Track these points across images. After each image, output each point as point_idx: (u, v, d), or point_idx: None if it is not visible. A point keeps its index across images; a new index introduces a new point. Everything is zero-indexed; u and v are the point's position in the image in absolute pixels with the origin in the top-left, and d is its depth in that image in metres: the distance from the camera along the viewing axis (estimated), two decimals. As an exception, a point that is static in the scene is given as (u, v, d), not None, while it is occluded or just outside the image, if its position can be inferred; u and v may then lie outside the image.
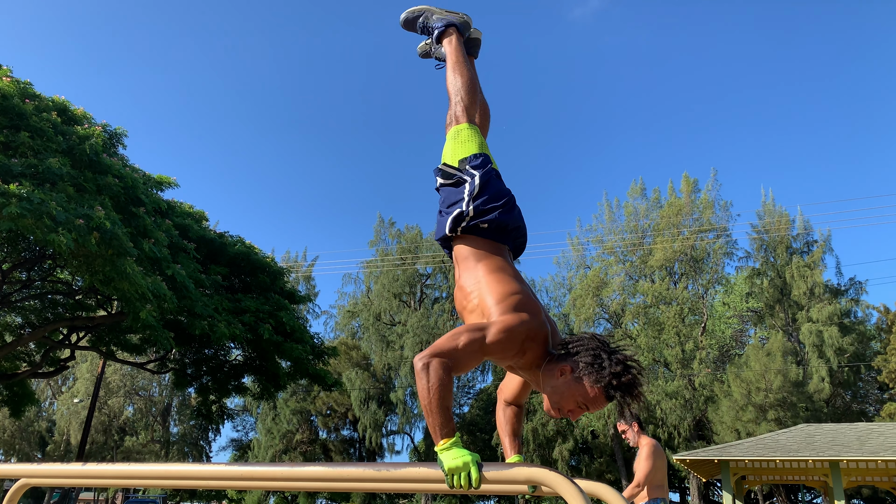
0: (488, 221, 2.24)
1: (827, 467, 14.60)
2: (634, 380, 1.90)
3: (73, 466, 2.03)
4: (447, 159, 2.48)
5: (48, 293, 15.18)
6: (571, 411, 1.95)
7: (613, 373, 1.88)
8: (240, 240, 16.66)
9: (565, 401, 1.94)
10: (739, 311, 32.71)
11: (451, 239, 2.33)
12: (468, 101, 2.57)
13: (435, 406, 1.74)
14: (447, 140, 2.55)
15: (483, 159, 2.41)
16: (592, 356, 1.92)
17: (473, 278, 2.17)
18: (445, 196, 2.39)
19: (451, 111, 2.60)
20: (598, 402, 1.91)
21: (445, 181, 2.41)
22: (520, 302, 2.02)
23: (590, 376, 1.89)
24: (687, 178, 35.36)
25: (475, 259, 2.22)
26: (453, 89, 2.62)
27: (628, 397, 1.89)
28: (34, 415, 42.23)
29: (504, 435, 2.38)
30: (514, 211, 2.34)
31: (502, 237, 2.29)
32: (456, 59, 2.69)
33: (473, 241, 2.26)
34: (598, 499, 2.08)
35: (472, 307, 2.12)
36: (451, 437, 1.72)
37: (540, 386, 2.02)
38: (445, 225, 2.30)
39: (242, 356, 16.88)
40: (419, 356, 1.81)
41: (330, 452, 40.53)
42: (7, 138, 10.51)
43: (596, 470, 35.51)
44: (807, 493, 35.49)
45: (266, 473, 1.78)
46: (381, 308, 40.17)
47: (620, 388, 1.88)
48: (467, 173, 2.36)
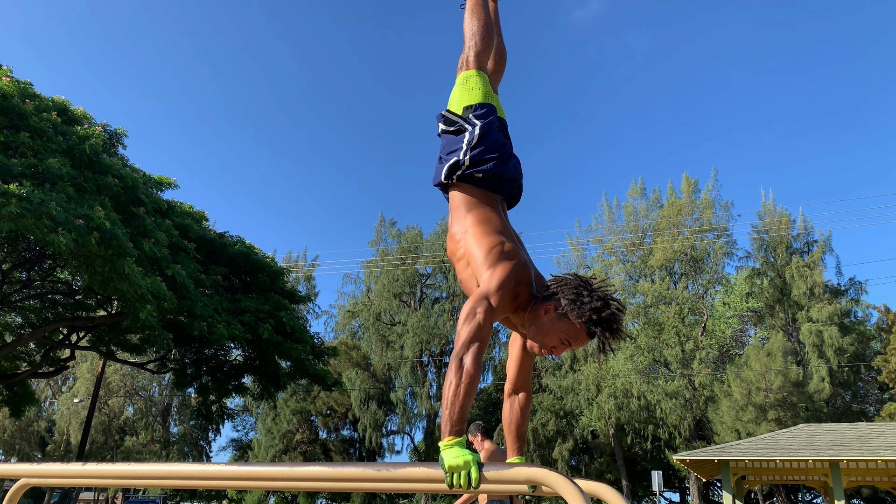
0: (483, 171, 2.29)
1: (827, 467, 14.60)
2: (615, 315, 1.95)
3: (73, 466, 2.03)
4: (453, 105, 2.50)
5: (48, 293, 15.18)
6: (555, 347, 2.01)
7: (594, 308, 1.93)
8: (240, 240, 16.65)
9: (549, 338, 2.00)
10: (739, 311, 32.70)
11: (447, 185, 2.39)
12: (481, 47, 2.58)
13: (458, 404, 1.76)
14: (456, 84, 2.57)
15: (487, 109, 2.43)
16: (574, 293, 1.98)
17: (462, 227, 2.25)
18: (445, 143, 2.43)
19: (463, 55, 2.61)
20: (581, 337, 1.97)
21: (447, 128, 2.44)
22: (502, 251, 2.09)
23: (572, 312, 1.95)
24: (687, 179, 35.36)
25: (466, 208, 2.28)
26: (468, 33, 2.62)
27: (609, 332, 1.94)
28: (34, 415, 42.23)
29: (508, 434, 2.39)
30: (510, 162, 2.38)
31: (496, 187, 2.34)
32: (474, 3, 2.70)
33: (468, 188, 2.32)
34: (598, 499, 2.08)
35: (460, 255, 2.22)
36: (457, 437, 1.73)
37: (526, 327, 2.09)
38: (442, 172, 2.35)
39: (242, 356, 16.88)
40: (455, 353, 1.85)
41: (330, 452, 40.53)
42: (7, 138, 10.50)
43: (596, 470, 35.50)
44: (807, 493, 35.49)
45: (266, 473, 1.78)
46: (381, 308, 40.17)
47: (601, 322, 1.93)
48: (469, 122, 2.40)
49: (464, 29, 2.67)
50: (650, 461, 34.50)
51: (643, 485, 35.67)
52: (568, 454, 34.44)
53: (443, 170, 2.35)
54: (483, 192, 2.32)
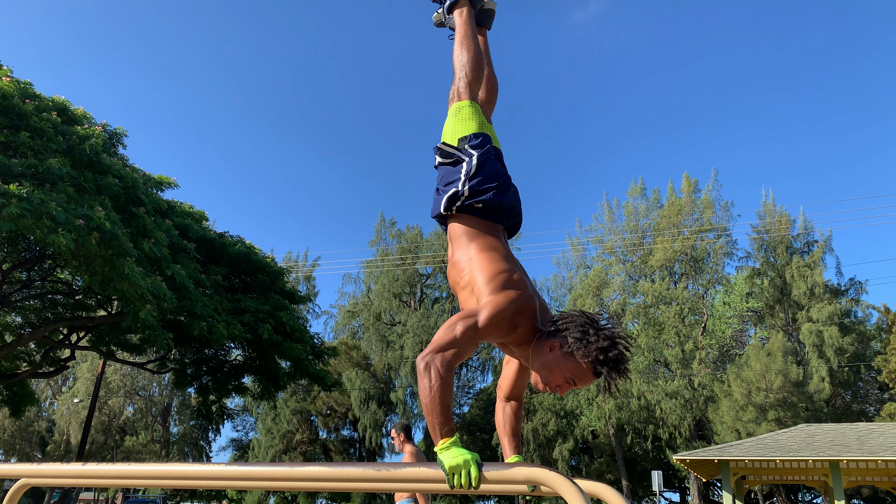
0: (483, 202, 2.28)
1: (827, 467, 14.60)
2: (621, 355, 1.92)
3: (73, 466, 2.03)
4: (447, 136, 2.47)
5: (48, 293, 15.18)
6: (559, 386, 1.98)
7: (600, 348, 1.90)
8: (240, 240, 16.65)
9: (553, 376, 1.97)
10: (739, 311, 32.70)
11: (446, 217, 2.37)
12: (472, 78, 2.55)
13: (437, 406, 1.76)
14: (448, 116, 2.54)
15: (482, 139, 2.41)
16: (581, 332, 1.94)
17: (466, 256, 2.22)
18: (443, 174, 2.41)
19: (454, 86, 2.58)
20: (586, 377, 1.94)
21: (444, 160, 2.42)
22: (507, 280, 2.06)
23: (577, 351, 1.92)
24: (687, 179, 35.36)
25: (468, 238, 2.26)
26: (458, 64, 2.59)
27: (615, 373, 1.92)
28: (34, 415, 42.23)
29: (503, 435, 2.38)
30: (509, 192, 2.37)
31: (496, 217, 2.33)
32: (464, 34, 2.66)
33: (468, 220, 2.30)
34: (598, 499, 2.08)
35: (464, 283, 2.18)
36: (450, 437, 1.73)
37: (529, 362, 2.05)
38: (441, 203, 2.33)
39: (242, 356, 16.88)
40: (421, 356, 1.84)
41: (330, 452, 40.52)
42: (7, 138, 10.50)
43: (596, 470, 35.49)
44: (807, 493, 35.47)
45: (266, 473, 1.78)
46: (381, 308, 40.16)
47: (607, 363, 1.90)
48: (466, 153, 2.37)
49: (453, 60, 2.63)
50: (650, 461, 34.49)
51: (643, 485, 35.66)
52: (568, 454, 34.44)
53: (442, 201, 2.32)
54: (484, 223, 2.30)
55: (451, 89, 2.60)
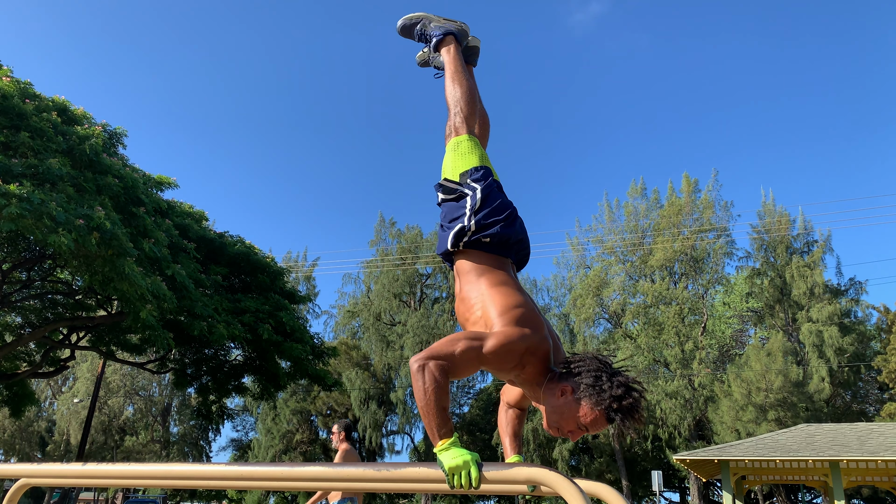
0: (490, 235, 2.22)
1: (827, 467, 14.60)
2: (636, 403, 1.88)
3: (73, 466, 2.03)
4: (447, 172, 2.45)
5: (48, 293, 15.17)
6: (572, 432, 1.94)
7: (614, 396, 1.86)
8: (240, 240, 16.64)
9: (565, 421, 1.93)
10: (739, 311, 32.71)
11: (453, 253, 2.31)
12: (467, 112, 2.54)
13: (432, 408, 1.74)
14: (447, 152, 2.51)
15: (484, 171, 2.38)
16: (594, 378, 1.90)
17: (476, 291, 2.15)
18: (447, 211, 2.36)
19: (450, 122, 2.56)
20: (599, 423, 1.90)
21: (447, 196, 2.38)
22: (522, 316, 2.00)
23: (590, 398, 1.87)
24: (687, 179, 35.36)
25: (477, 274, 2.20)
26: (452, 100, 2.58)
27: (629, 420, 1.87)
28: (34, 415, 42.22)
29: (505, 435, 2.38)
30: (517, 224, 2.32)
31: (505, 251, 2.27)
32: (455, 69, 2.65)
33: (476, 255, 2.24)
34: (599, 499, 2.08)
35: (476, 319, 2.10)
36: (449, 438, 1.73)
37: (540, 402, 2.01)
38: (447, 240, 2.28)
39: (242, 356, 16.87)
40: (415, 358, 1.81)
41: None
42: (7, 138, 10.50)
43: (596, 470, 35.50)
44: (807, 493, 35.47)
45: (266, 473, 1.78)
46: (381, 308, 40.16)
47: (621, 410, 1.86)
48: (468, 187, 2.33)
49: (446, 97, 2.61)
50: (650, 461, 34.50)
51: (643, 485, 35.66)
52: (568, 454, 34.45)
53: (448, 237, 2.27)
54: (492, 257, 2.24)
55: (446, 125, 2.58)
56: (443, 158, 2.55)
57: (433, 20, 2.82)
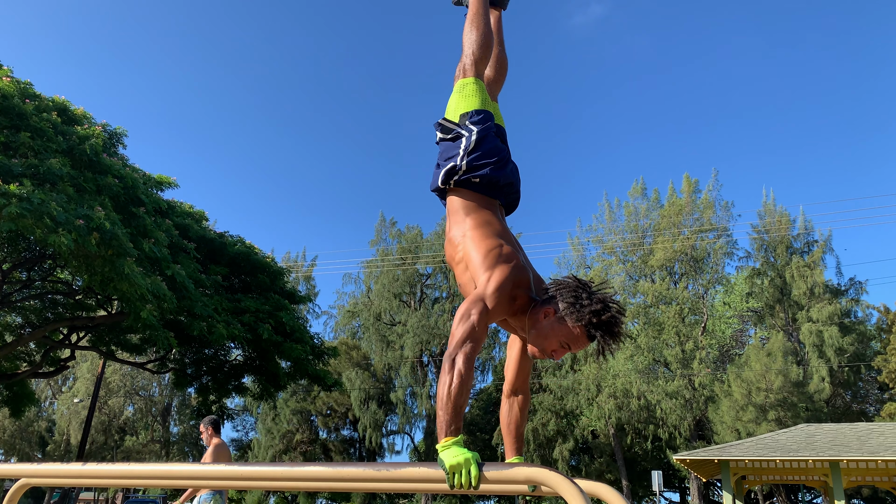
0: (480, 176, 2.29)
1: (827, 467, 14.60)
2: (615, 318, 1.94)
3: (73, 466, 2.03)
4: (450, 112, 2.50)
5: (48, 293, 15.18)
6: (555, 351, 2.01)
7: (594, 311, 1.92)
8: (240, 240, 16.64)
9: (548, 341, 2.00)
10: (739, 310, 32.71)
11: (444, 191, 2.40)
12: (479, 55, 2.57)
13: (451, 404, 1.76)
14: (453, 92, 2.56)
15: (484, 115, 2.43)
16: (573, 296, 1.97)
17: (460, 231, 2.25)
18: (443, 149, 2.43)
19: (461, 63, 2.59)
20: (581, 341, 1.97)
21: (444, 135, 2.45)
22: (499, 255, 2.09)
23: (571, 315, 1.95)
24: (688, 179, 35.37)
25: (464, 212, 2.29)
26: (467, 42, 2.60)
27: (609, 336, 1.93)
28: (34, 415, 42.22)
29: (507, 434, 2.39)
30: (507, 167, 2.38)
31: (494, 192, 2.34)
32: (475, 12, 2.66)
33: (465, 193, 2.32)
34: (599, 499, 2.08)
35: (459, 259, 2.23)
36: (454, 437, 1.73)
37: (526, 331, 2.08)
38: (439, 177, 2.36)
39: (242, 356, 16.87)
40: (448, 353, 1.84)
41: (330, 452, 40.52)
42: (7, 138, 10.50)
43: (596, 470, 35.50)
44: (807, 493, 35.48)
45: (266, 473, 1.78)
46: (381, 308, 40.17)
47: (601, 325, 1.93)
48: (465, 128, 2.39)
49: (463, 37, 2.64)
50: (650, 461, 34.50)
51: (643, 485, 35.66)
52: (568, 454, 34.44)
53: (440, 175, 2.35)
54: (481, 197, 2.32)
55: (457, 66, 2.62)
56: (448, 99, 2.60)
57: None
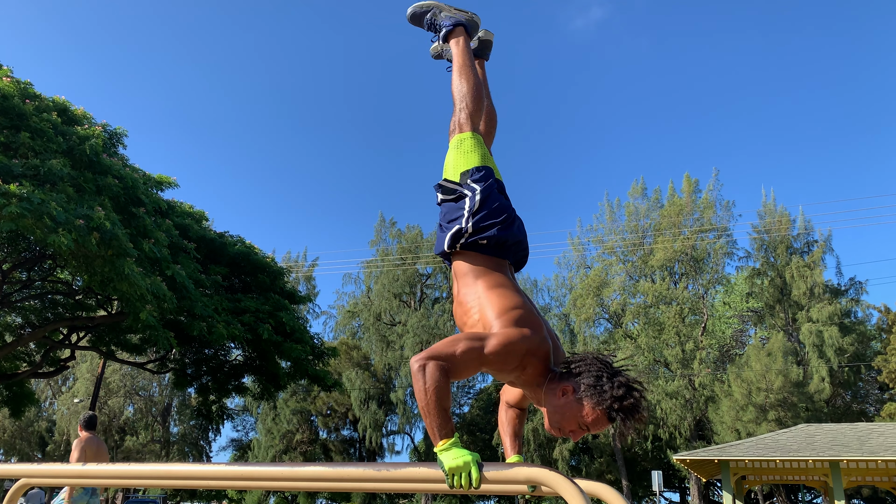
0: (487, 238, 2.21)
1: (827, 467, 14.59)
2: (637, 403, 1.87)
3: (73, 466, 2.03)
4: (449, 170, 2.43)
5: (48, 293, 15.17)
6: (573, 431, 1.94)
7: (616, 396, 1.86)
8: (240, 240, 16.64)
9: (566, 421, 1.93)
10: (740, 311, 32.70)
11: (450, 254, 2.31)
12: (472, 108, 2.49)
13: (433, 408, 1.74)
14: (450, 148, 2.49)
15: (485, 172, 2.36)
16: (595, 378, 1.90)
17: (474, 294, 2.14)
18: (446, 211, 2.35)
19: (454, 118, 2.52)
20: (600, 423, 1.90)
21: (446, 196, 2.36)
22: (521, 317, 2.00)
23: (591, 398, 1.87)
24: (688, 179, 35.37)
25: (474, 276, 2.19)
26: (458, 95, 2.53)
27: (630, 420, 1.87)
28: (34, 415, 42.21)
29: (505, 435, 2.37)
30: (514, 226, 2.30)
31: (502, 252, 2.26)
32: (462, 63, 2.59)
33: (473, 257, 2.23)
34: (599, 499, 2.08)
35: (473, 322, 2.10)
36: (450, 438, 1.72)
37: (541, 403, 2.01)
38: (444, 241, 2.27)
39: (242, 356, 16.87)
40: (415, 358, 1.80)
41: (330, 452, 40.53)
42: (7, 139, 10.50)
43: (596, 470, 35.50)
44: (807, 493, 35.48)
45: (266, 473, 1.78)
46: (381, 308, 40.16)
47: (623, 410, 1.86)
48: (468, 188, 2.31)
49: (452, 91, 2.56)
50: (650, 461, 34.50)
51: (643, 485, 35.66)
52: (568, 454, 34.44)
53: (445, 239, 2.26)
54: (490, 259, 2.23)
55: (451, 121, 2.54)
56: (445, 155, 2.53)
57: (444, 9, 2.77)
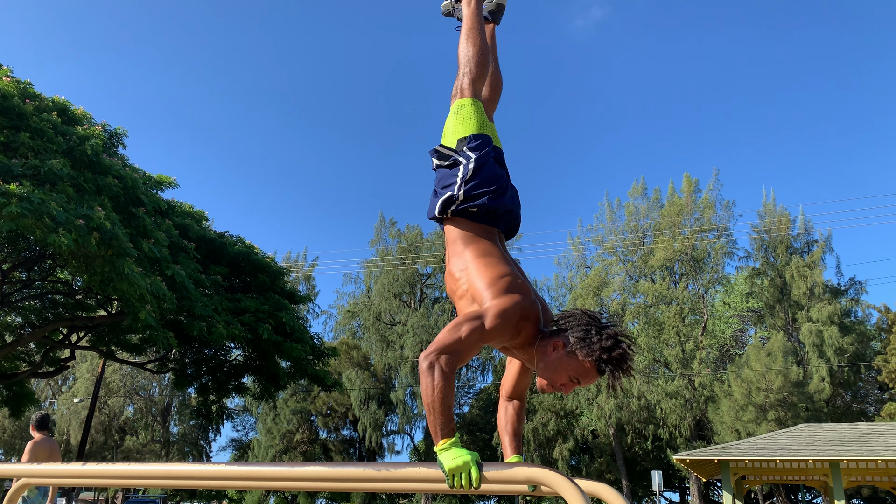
0: (478, 206, 2.24)
1: (827, 467, 14.59)
2: (625, 354, 1.93)
3: (73, 466, 2.03)
4: (447, 135, 2.45)
5: (48, 293, 15.17)
6: (564, 385, 1.99)
7: (604, 347, 1.91)
8: (240, 240, 16.64)
9: (557, 375, 1.98)
10: (739, 310, 32.69)
11: (442, 219, 2.35)
12: (476, 74, 2.50)
13: (438, 405, 1.75)
14: (450, 113, 2.50)
15: (481, 141, 2.37)
16: (584, 331, 1.95)
17: (461, 263, 2.20)
18: (441, 177, 2.38)
19: (458, 81, 2.53)
20: (590, 375, 1.95)
21: (441, 162, 2.39)
22: (509, 284, 2.05)
23: (581, 350, 1.93)
24: (688, 178, 35.35)
25: (463, 243, 2.24)
26: (463, 58, 2.53)
27: (619, 371, 1.93)
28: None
29: (504, 434, 2.38)
30: (506, 195, 2.33)
31: (492, 221, 2.29)
32: (471, 26, 2.59)
33: (463, 223, 2.27)
34: (599, 499, 2.08)
35: (462, 292, 2.16)
36: (450, 437, 1.72)
37: (534, 363, 2.06)
38: (436, 206, 2.31)
39: (242, 356, 16.87)
40: (424, 354, 1.82)
41: (330, 452, 40.53)
42: (7, 139, 10.50)
43: (596, 470, 35.49)
44: (807, 493, 35.47)
45: (266, 473, 1.78)
46: (381, 308, 40.15)
47: (611, 361, 1.92)
48: (463, 155, 2.34)
49: (458, 54, 2.56)
50: (650, 461, 34.49)
51: (643, 485, 35.66)
52: (568, 454, 34.43)
53: (437, 204, 2.30)
54: (479, 226, 2.27)
55: (454, 84, 2.56)
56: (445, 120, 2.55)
57: None
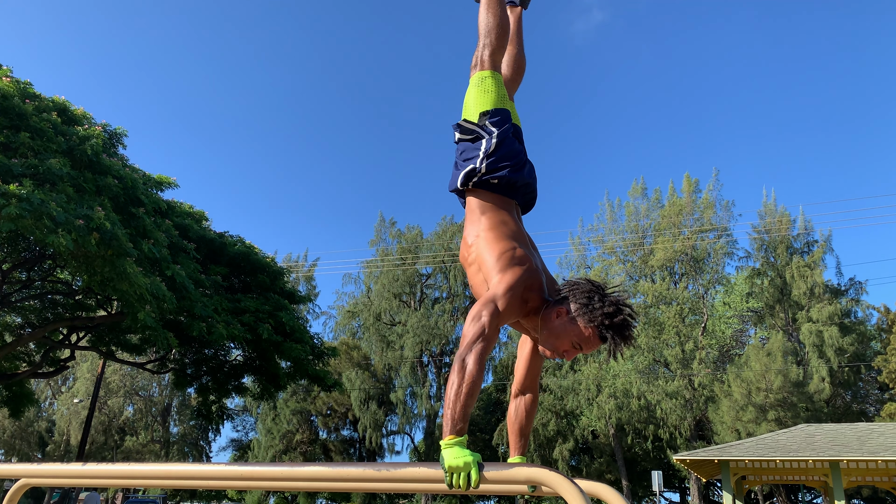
0: (498, 178, 2.34)
1: (827, 467, 14.59)
2: (627, 321, 1.97)
3: (73, 466, 2.03)
4: (469, 108, 2.51)
5: (48, 293, 15.17)
6: (566, 351, 2.03)
7: (606, 313, 1.95)
8: (240, 240, 16.63)
9: (560, 341, 2.02)
10: (739, 311, 32.68)
11: (463, 191, 2.44)
12: (496, 45, 2.55)
13: (460, 403, 1.76)
14: (470, 85, 2.56)
15: (502, 117, 2.45)
16: (587, 298, 2.00)
17: (475, 231, 2.29)
18: (462, 150, 2.46)
19: (477, 52, 2.58)
20: (592, 342, 1.99)
21: (464, 136, 2.47)
22: (514, 256, 2.12)
23: (583, 317, 1.97)
24: (688, 179, 35.36)
25: (480, 211, 2.33)
26: (483, 29, 2.59)
27: (620, 337, 1.96)
28: (34, 415, 42.19)
29: (512, 434, 2.40)
30: (525, 169, 2.43)
31: (511, 193, 2.39)
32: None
33: (483, 194, 2.37)
34: (599, 499, 2.08)
35: (472, 260, 2.27)
36: (458, 436, 1.72)
37: (538, 331, 2.10)
38: (458, 178, 2.40)
39: (242, 356, 16.86)
40: (459, 354, 1.86)
41: (330, 452, 40.52)
42: (7, 139, 10.49)
43: (596, 470, 35.49)
44: (807, 493, 35.46)
45: (266, 473, 1.78)
46: (381, 308, 40.14)
47: (613, 328, 1.95)
48: (486, 130, 2.42)
49: (479, 25, 2.61)
50: (650, 461, 34.49)
51: (643, 485, 35.66)
52: (568, 454, 34.43)
53: (459, 176, 2.39)
54: (498, 197, 2.36)
55: (474, 55, 2.60)
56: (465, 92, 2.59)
57: None
